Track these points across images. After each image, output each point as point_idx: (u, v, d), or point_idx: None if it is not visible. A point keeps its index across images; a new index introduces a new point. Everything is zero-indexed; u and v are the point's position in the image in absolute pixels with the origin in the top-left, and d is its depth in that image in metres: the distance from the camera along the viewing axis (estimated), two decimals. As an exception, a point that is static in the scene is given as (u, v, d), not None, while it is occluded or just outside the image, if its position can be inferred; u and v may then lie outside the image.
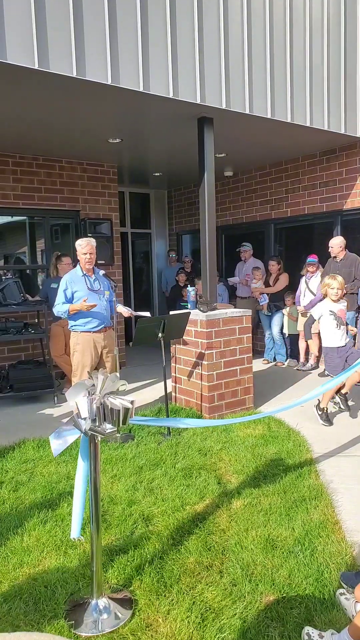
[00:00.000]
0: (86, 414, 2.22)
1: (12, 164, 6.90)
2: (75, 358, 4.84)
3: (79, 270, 4.82)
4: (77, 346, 4.81)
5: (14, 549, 2.87)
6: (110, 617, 2.33)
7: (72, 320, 4.81)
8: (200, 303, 5.29)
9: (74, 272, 4.85)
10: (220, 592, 2.47)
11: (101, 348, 4.84)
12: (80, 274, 4.80)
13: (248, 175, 8.62)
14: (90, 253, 4.76)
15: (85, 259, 4.75)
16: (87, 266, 4.79)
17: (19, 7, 3.75)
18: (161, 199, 10.49)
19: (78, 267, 4.84)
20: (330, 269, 6.69)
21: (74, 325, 4.82)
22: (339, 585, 2.49)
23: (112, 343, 4.93)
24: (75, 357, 4.84)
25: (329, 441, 4.47)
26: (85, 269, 4.80)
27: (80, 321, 4.78)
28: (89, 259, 4.77)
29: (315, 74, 5.81)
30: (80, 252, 4.75)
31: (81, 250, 4.74)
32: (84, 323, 4.77)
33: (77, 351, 4.81)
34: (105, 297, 4.86)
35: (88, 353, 4.78)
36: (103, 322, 4.82)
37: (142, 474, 3.81)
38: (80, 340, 4.80)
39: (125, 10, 4.28)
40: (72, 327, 4.84)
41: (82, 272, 4.80)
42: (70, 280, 4.77)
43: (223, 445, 4.35)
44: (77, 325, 4.80)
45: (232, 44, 5.01)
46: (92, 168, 7.59)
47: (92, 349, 4.79)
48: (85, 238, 4.84)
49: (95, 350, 4.80)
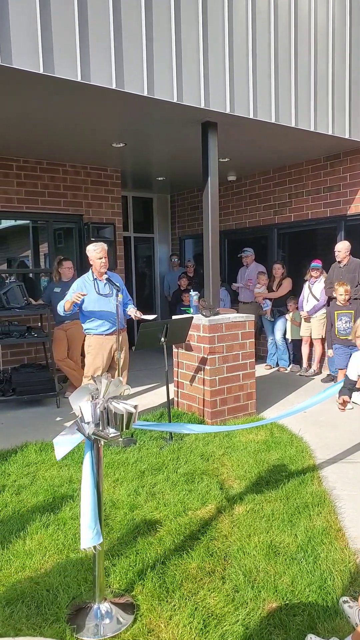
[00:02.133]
0: (90, 418, 2.22)
1: (16, 168, 6.93)
2: (88, 360, 4.97)
3: (90, 275, 4.88)
4: (90, 348, 4.93)
5: (17, 553, 2.87)
6: (112, 622, 2.32)
7: (84, 323, 4.94)
8: (202, 307, 5.28)
9: (86, 277, 4.92)
10: (223, 598, 2.46)
11: (113, 351, 4.94)
12: (91, 279, 4.86)
13: (251, 180, 8.63)
14: (105, 257, 4.84)
15: (101, 263, 4.82)
16: (102, 270, 4.85)
17: (25, 12, 3.77)
18: (164, 204, 10.51)
19: (90, 272, 4.91)
20: (334, 274, 6.69)
21: (87, 328, 4.94)
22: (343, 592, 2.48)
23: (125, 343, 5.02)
24: (87, 358, 4.98)
25: (331, 447, 4.46)
26: (99, 273, 4.85)
27: (92, 325, 4.90)
28: (104, 263, 4.83)
29: (320, 78, 5.83)
30: (95, 257, 4.80)
31: (96, 255, 4.79)
32: (96, 327, 4.89)
33: (90, 353, 4.94)
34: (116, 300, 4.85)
35: (100, 355, 4.89)
36: (114, 325, 4.86)
37: (144, 478, 3.80)
38: (92, 342, 4.92)
39: (130, 15, 4.30)
40: (85, 330, 4.98)
41: (94, 276, 4.85)
42: (82, 284, 4.85)
43: (225, 450, 4.34)
44: (90, 329, 4.92)
45: (236, 48, 5.02)
46: (96, 172, 7.61)
47: (104, 351, 4.90)
48: (97, 243, 4.91)
49: (107, 352, 4.92)
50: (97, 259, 4.80)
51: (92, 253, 4.81)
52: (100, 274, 4.88)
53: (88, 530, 2.25)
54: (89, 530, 2.26)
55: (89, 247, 4.86)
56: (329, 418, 5.24)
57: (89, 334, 4.95)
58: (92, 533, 2.26)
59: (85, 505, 2.28)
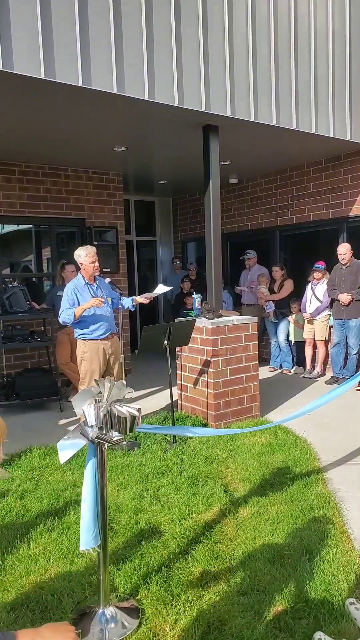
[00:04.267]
0: (93, 421, 2.21)
1: (18, 173, 6.95)
2: (84, 366, 4.80)
3: (82, 280, 4.81)
4: (85, 354, 4.78)
5: (21, 557, 2.86)
6: (117, 627, 2.31)
7: (78, 328, 4.78)
8: (205, 310, 5.28)
9: (77, 281, 4.82)
10: (228, 602, 2.45)
11: (108, 355, 4.84)
12: (83, 283, 4.79)
13: (253, 183, 8.64)
14: (97, 260, 4.79)
15: (94, 267, 4.77)
16: (95, 274, 4.82)
17: (26, 17, 3.79)
18: (166, 207, 10.53)
19: (80, 277, 4.82)
20: (337, 275, 6.68)
21: (81, 334, 4.78)
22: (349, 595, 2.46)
23: (117, 349, 4.93)
24: (83, 365, 4.81)
25: (336, 449, 4.44)
26: (91, 277, 4.81)
27: (87, 329, 4.75)
28: (97, 266, 4.80)
29: (320, 80, 5.83)
30: (88, 261, 4.72)
31: (88, 260, 4.72)
32: (91, 331, 4.74)
33: (85, 359, 4.79)
34: (109, 303, 4.85)
35: (96, 360, 4.76)
36: (109, 329, 4.82)
37: (148, 482, 3.79)
38: (87, 348, 4.77)
39: (130, 19, 4.32)
40: (79, 335, 4.81)
41: (85, 280, 4.80)
42: (75, 288, 4.75)
43: (229, 453, 4.33)
44: (84, 334, 4.77)
45: (237, 51, 5.04)
46: (98, 176, 7.63)
47: (100, 356, 4.77)
48: (86, 247, 4.81)
49: (103, 357, 4.79)
50: (90, 263, 4.73)
51: (85, 258, 4.72)
52: (92, 278, 4.84)
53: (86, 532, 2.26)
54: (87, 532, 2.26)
55: (79, 253, 4.74)
56: (333, 420, 5.23)
57: (82, 339, 4.79)
58: (90, 535, 2.26)
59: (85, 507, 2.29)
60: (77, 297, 4.71)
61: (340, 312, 6.64)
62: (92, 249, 4.78)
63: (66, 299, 4.72)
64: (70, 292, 4.73)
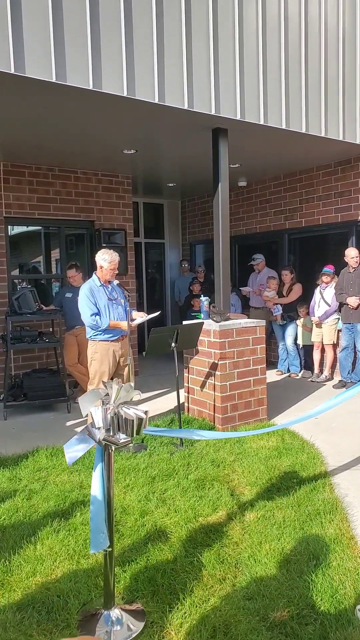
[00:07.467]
0: (100, 423, 2.22)
1: (28, 175, 7.00)
2: (93, 367, 4.86)
3: (97, 281, 4.87)
4: (96, 355, 4.84)
5: (27, 558, 2.87)
6: (123, 629, 2.31)
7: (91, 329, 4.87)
8: (213, 313, 5.27)
9: (93, 282, 4.89)
10: (234, 606, 2.44)
11: (118, 357, 4.89)
12: (98, 284, 4.86)
13: (262, 186, 8.63)
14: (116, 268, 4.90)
15: (112, 274, 4.87)
16: (111, 279, 4.90)
17: (37, 21, 3.82)
18: (175, 209, 10.55)
19: (96, 278, 4.89)
20: (344, 279, 6.66)
21: (92, 334, 4.84)
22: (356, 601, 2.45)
23: (127, 351, 4.95)
24: (93, 365, 4.86)
25: (343, 454, 4.42)
26: (106, 281, 4.87)
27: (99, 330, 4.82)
28: (114, 274, 4.90)
29: (331, 84, 5.82)
30: (109, 267, 4.82)
31: (110, 266, 4.82)
32: (103, 332, 4.81)
33: (95, 360, 4.84)
34: (123, 306, 4.90)
35: (106, 361, 4.82)
36: (120, 331, 4.86)
37: (154, 484, 3.79)
38: (98, 349, 4.83)
39: (140, 23, 4.34)
40: (90, 336, 4.87)
41: (100, 282, 4.86)
42: (92, 290, 4.82)
43: (236, 456, 4.32)
44: (96, 335, 4.83)
45: (247, 54, 5.04)
46: (107, 179, 7.66)
47: (110, 357, 4.83)
48: (111, 252, 4.87)
49: (113, 358, 4.85)
50: (110, 270, 4.83)
51: (106, 264, 4.80)
52: (107, 281, 4.90)
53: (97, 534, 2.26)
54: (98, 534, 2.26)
55: (103, 257, 4.81)
56: (340, 424, 5.20)
57: (93, 340, 4.85)
58: (101, 538, 2.26)
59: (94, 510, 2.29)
60: (93, 298, 4.77)
61: (348, 316, 6.61)
62: (116, 256, 4.87)
63: (87, 301, 4.76)
64: (88, 294, 4.78)
